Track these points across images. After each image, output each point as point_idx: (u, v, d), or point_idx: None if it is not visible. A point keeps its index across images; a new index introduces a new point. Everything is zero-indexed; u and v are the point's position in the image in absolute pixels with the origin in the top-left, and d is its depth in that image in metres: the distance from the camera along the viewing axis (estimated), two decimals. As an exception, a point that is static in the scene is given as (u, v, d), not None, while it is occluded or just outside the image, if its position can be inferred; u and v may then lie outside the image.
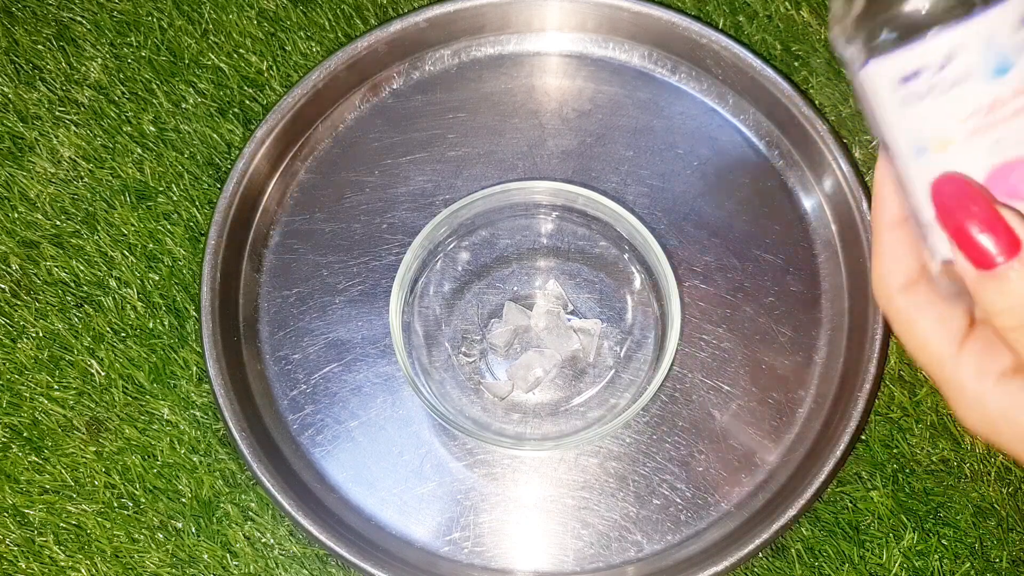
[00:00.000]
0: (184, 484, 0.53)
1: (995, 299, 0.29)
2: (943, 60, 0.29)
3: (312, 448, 0.54)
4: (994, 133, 0.30)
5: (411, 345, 0.54)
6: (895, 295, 0.34)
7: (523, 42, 0.60)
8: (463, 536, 0.52)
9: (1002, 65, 0.29)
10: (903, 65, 0.30)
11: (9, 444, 0.54)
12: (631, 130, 0.59)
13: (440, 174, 0.58)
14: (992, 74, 0.29)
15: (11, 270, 0.57)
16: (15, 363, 0.55)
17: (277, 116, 0.57)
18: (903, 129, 0.31)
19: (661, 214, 0.57)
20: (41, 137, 0.59)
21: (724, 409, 0.54)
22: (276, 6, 0.61)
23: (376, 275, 0.56)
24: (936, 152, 0.31)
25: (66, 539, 0.53)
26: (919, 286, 0.34)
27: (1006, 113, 0.29)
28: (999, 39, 0.29)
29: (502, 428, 0.53)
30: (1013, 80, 0.29)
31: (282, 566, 0.52)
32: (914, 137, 0.31)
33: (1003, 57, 0.29)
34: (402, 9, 0.61)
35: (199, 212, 0.58)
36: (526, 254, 0.57)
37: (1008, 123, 0.29)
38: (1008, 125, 0.29)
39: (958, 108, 0.30)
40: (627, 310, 0.55)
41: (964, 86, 0.29)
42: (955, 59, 0.29)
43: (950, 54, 0.29)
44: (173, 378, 0.55)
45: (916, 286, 0.34)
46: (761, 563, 0.52)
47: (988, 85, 0.29)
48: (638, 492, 0.53)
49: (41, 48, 0.60)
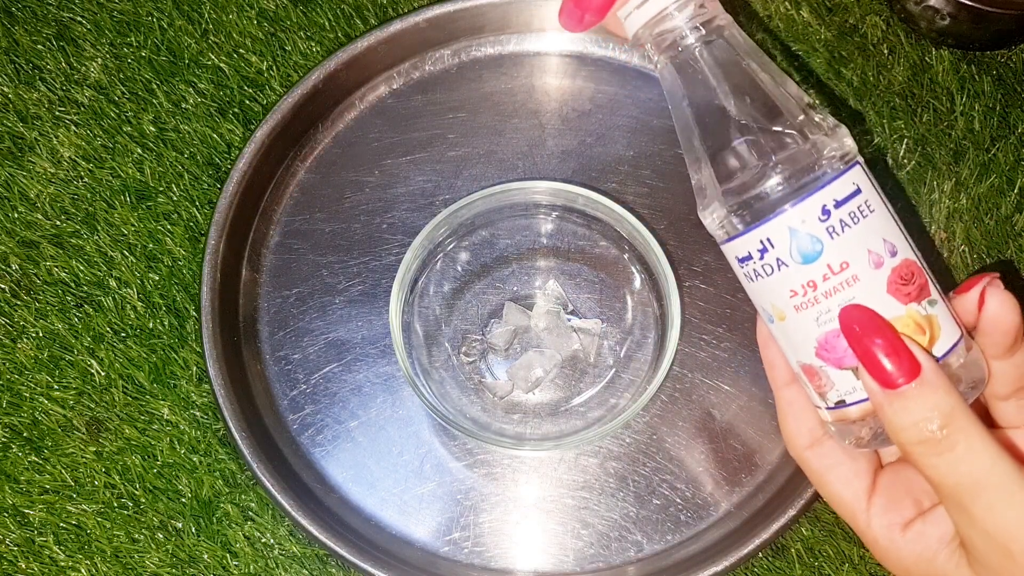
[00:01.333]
0: (184, 484, 0.53)
1: (899, 417, 0.32)
2: (760, 249, 0.34)
3: (312, 448, 0.54)
4: (815, 309, 0.34)
5: (411, 345, 0.54)
6: (803, 454, 0.38)
7: (523, 42, 0.60)
8: (463, 536, 0.52)
9: (809, 254, 0.33)
10: (736, 250, 0.35)
11: (9, 444, 0.54)
12: (631, 130, 0.59)
13: (440, 174, 0.58)
14: (800, 261, 0.34)
15: (11, 270, 0.57)
16: (15, 363, 0.55)
17: (277, 116, 0.57)
18: (755, 298, 0.36)
19: (661, 214, 0.57)
20: (41, 137, 0.59)
21: (724, 409, 0.54)
22: (276, 6, 0.61)
23: (376, 275, 0.56)
24: (779, 321, 0.35)
25: (66, 539, 0.53)
26: (824, 444, 0.38)
27: (820, 294, 0.33)
28: (803, 231, 0.33)
29: (502, 428, 0.53)
30: (821, 266, 0.33)
31: (282, 566, 0.52)
32: (761, 307, 0.36)
33: (809, 247, 0.33)
34: (402, 9, 0.61)
35: (199, 212, 0.58)
36: (526, 254, 0.57)
37: (827, 300, 0.33)
38: (828, 301, 0.33)
39: (780, 289, 0.34)
40: (627, 310, 0.55)
41: (781, 271, 0.34)
42: (769, 249, 0.34)
43: (764, 246, 0.34)
44: (173, 378, 0.55)
45: (821, 444, 0.38)
46: (761, 563, 0.52)
47: (799, 270, 0.34)
48: (638, 492, 0.53)
49: (41, 48, 0.60)
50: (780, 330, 0.36)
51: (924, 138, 0.59)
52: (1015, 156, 0.58)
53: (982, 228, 0.57)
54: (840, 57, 0.60)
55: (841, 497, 0.37)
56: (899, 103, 0.59)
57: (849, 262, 0.33)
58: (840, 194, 0.33)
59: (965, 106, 0.59)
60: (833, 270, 0.33)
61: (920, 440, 0.32)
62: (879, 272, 0.33)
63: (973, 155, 0.58)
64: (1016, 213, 0.57)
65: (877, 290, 0.33)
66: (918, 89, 0.59)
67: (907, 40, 0.60)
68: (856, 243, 0.33)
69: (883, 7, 0.61)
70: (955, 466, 0.32)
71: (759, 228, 0.34)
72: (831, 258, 0.33)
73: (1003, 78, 0.60)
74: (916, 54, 0.60)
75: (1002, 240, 0.57)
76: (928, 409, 0.32)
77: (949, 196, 0.57)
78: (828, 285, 0.33)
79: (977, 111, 0.59)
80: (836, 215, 0.33)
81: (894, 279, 0.34)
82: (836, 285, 0.33)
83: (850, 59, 0.60)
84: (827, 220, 0.33)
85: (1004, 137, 0.58)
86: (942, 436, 0.31)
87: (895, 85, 0.59)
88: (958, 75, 0.60)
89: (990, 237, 0.57)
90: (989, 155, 0.58)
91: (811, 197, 0.33)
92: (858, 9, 0.61)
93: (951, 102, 0.59)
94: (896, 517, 0.36)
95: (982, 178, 0.58)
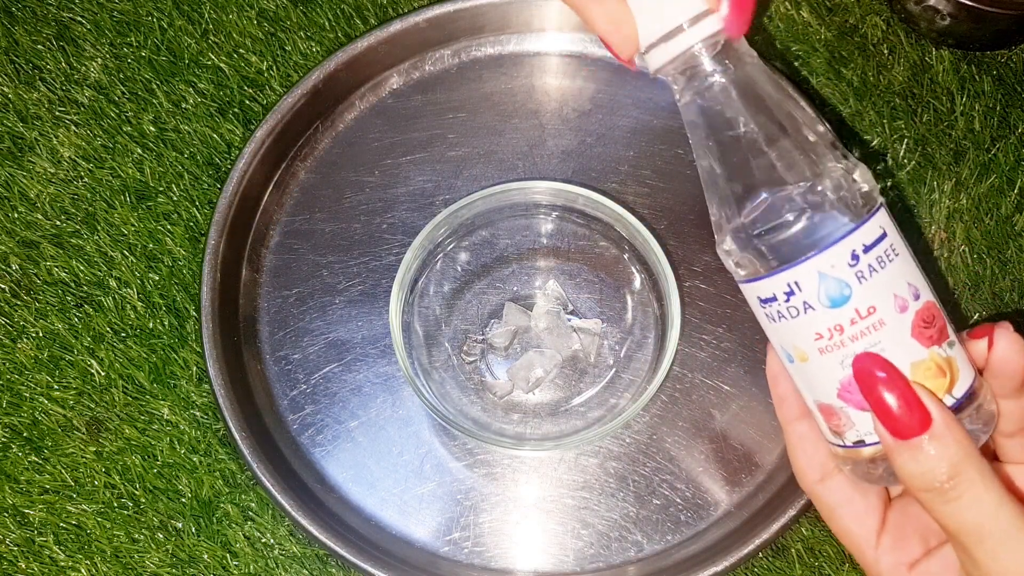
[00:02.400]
0: (184, 484, 0.53)
1: (910, 466, 0.33)
2: (787, 292, 0.34)
3: (312, 448, 0.54)
4: (840, 352, 0.34)
5: (411, 345, 0.54)
6: (814, 488, 0.38)
7: (523, 42, 0.60)
8: (463, 536, 0.52)
9: (837, 299, 0.33)
10: (759, 291, 0.35)
11: (9, 444, 0.54)
12: (631, 130, 0.59)
13: (440, 174, 0.58)
14: (828, 305, 0.33)
15: (11, 270, 0.57)
16: (15, 363, 0.55)
17: (277, 116, 0.57)
18: (773, 338, 0.36)
19: (661, 214, 0.57)
20: (41, 137, 0.59)
21: (724, 409, 0.54)
22: (276, 6, 0.61)
23: (376, 275, 0.56)
24: (799, 362, 0.35)
25: (66, 539, 0.53)
26: (834, 478, 0.38)
27: (847, 337, 0.33)
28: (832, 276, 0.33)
29: (502, 428, 0.53)
30: (849, 311, 0.33)
31: (282, 566, 0.52)
32: (781, 346, 0.36)
33: (837, 292, 0.33)
34: (402, 9, 0.61)
35: (199, 212, 0.58)
36: (526, 254, 0.57)
37: (853, 344, 0.33)
38: (854, 345, 0.33)
39: (805, 331, 0.34)
40: (627, 310, 0.55)
41: (808, 314, 0.34)
42: (796, 293, 0.33)
43: (791, 289, 0.33)
44: (173, 378, 0.55)
45: (832, 478, 0.38)
46: (761, 563, 0.52)
47: (827, 314, 0.33)
48: (638, 492, 0.53)
49: (41, 48, 0.60)
50: (800, 370, 0.35)
51: (924, 138, 0.59)
52: (1015, 156, 0.58)
53: (982, 228, 0.57)
54: (840, 57, 0.60)
55: (851, 533, 0.38)
56: (899, 103, 0.59)
57: (876, 307, 0.33)
58: (868, 239, 0.33)
59: (965, 106, 0.59)
60: (860, 315, 0.33)
61: (928, 488, 0.33)
62: (904, 316, 0.33)
63: (973, 155, 0.58)
64: (1016, 213, 0.57)
65: (902, 334, 0.33)
66: (918, 89, 0.59)
67: (907, 40, 0.60)
68: (883, 288, 0.33)
69: (883, 7, 0.61)
70: (961, 514, 0.32)
71: (787, 271, 0.33)
72: (859, 303, 0.33)
73: (1003, 78, 0.60)
74: (916, 54, 0.60)
75: (1002, 240, 0.57)
76: (937, 460, 0.32)
77: (949, 196, 0.57)
78: (855, 330, 0.33)
79: (977, 111, 0.59)
80: (864, 260, 0.33)
81: (917, 323, 0.34)
82: (863, 330, 0.33)
83: (850, 59, 0.60)
84: (856, 265, 0.33)
85: (1004, 137, 0.58)
86: (949, 486, 0.32)
87: (895, 85, 0.59)
88: (958, 75, 0.60)
89: (990, 237, 0.57)
90: (989, 155, 0.58)
91: (841, 242, 0.33)
92: (858, 9, 0.61)
93: (951, 102, 0.59)
94: (903, 556, 0.37)
95: (982, 178, 0.58)
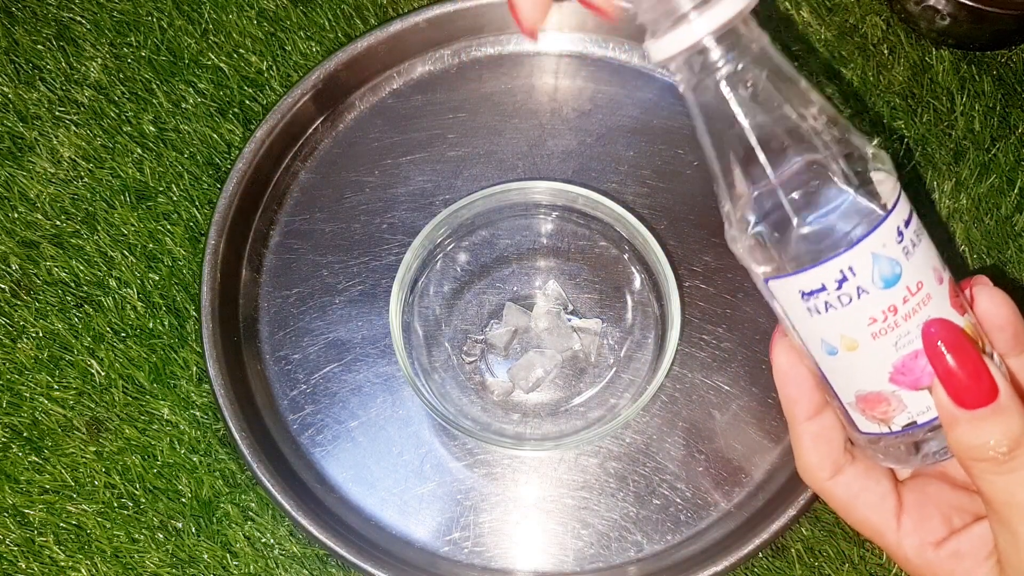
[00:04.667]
0: (184, 484, 0.53)
1: (968, 437, 0.32)
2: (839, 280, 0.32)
3: (312, 448, 0.54)
4: (895, 333, 0.33)
5: (411, 345, 0.54)
6: (825, 485, 0.38)
7: (523, 42, 0.60)
8: (463, 536, 0.52)
9: (889, 278, 0.32)
10: (804, 284, 0.33)
11: (9, 444, 0.54)
12: (631, 130, 0.59)
13: (440, 174, 0.58)
14: (882, 287, 0.32)
15: (11, 270, 0.57)
16: (15, 363, 0.55)
17: (277, 116, 0.57)
18: (812, 333, 0.34)
19: (661, 214, 0.57)
20: (41, 137, 0.59)
21: (724, 409, 0.54)
22: (276, 6, 0.61)
23: (376, 275, 0.56)
24: (846, 351, 0.34)
25: (66, 539, 0.53)
26: (846, 471, 0.37)
27: (900, 317, 0.32)
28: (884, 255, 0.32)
29: (502, 428, 0.53)
30: (901, 289, 0.32)
31: (282, 566, 0.52)
32: (823, 340, 0.34)
33: (890, 271, 0.32)
34: (402, 9, 0.61)
35: (199, 212, 0.58)
36: (526, 254, 0.57)
37: (907, 322, 0.32)
38: (907, 324, 0.32)
39: (858, 317, 0.33)
40: (627, 310, 0.55)
41: (861, 299, 0.32)
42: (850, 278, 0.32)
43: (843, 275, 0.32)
44: (173, 378, 0.55)
45: (843, 472, 0.37)
46: (761, 563, 0.52)
47: (881, 296, 0.32)
48: (638, 492, 0.53)
49: (41, 48, 0.60)
50: (844, 361, 0.34)
51: (924, 138, 0.59)
52: (1015, 156, 0.58)
53: (982, 228, 0.57)
54: (840, 57, 0.60)
55: (869, 521, 0.37)
56: (899, 103, 0.59)
57: (923, 282, 0.33)
58: (905, 213, 0.33)
59: (965, 106, 0.59)
60: (911, 291, 0.32)
61: (984, 459, 0.32)
62: (942, 287, 0.33)
63: (973, 155, 0.58)
64: (1016, 213, 0.57)
65: (945, 305, 0.33)
66: (918, 89, 0.59)
67: (907, 40, 0.60)
68: (924, 261, 0.33)
69: (883, 7, 0.61)
70: (1013, 488, 0.32)
71: (839, 257, 0.32)
72: (909, 280, 0.32)
73: (1003, 78, 0.60)
74: (916, 54, 0.60)
75: (1002, 240, 0.57)
76: (1000, 433, 0.32)
77: (949, 196, 0.57)
78: (907, 308, 0.32)
79: (977, 111, 0.59)
80: (907, 235, 0.33)
81: (951, 292, 0.33)
82: (914, 307, 0.32)
83: (850, 59, 0.60)
84: (902, 241, 0.32)
85: (1004, 137, 0.58)
86: (1007, 459, 0.32)
87: (895, 85, 0.59)
88: (958, 75, 0.60)
89: (990, 237, 0.57)
90: (989, 155, 0.58)
91: (887, 220, 0.32)
92: (858, 9, 0.61)
93: (951, 102, 0.59)
94: (927, 536, 0.36)
95: (982, 178, 0.58)
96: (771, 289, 0.34)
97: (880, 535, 0.37)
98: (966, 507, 0.37)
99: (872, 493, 0.37)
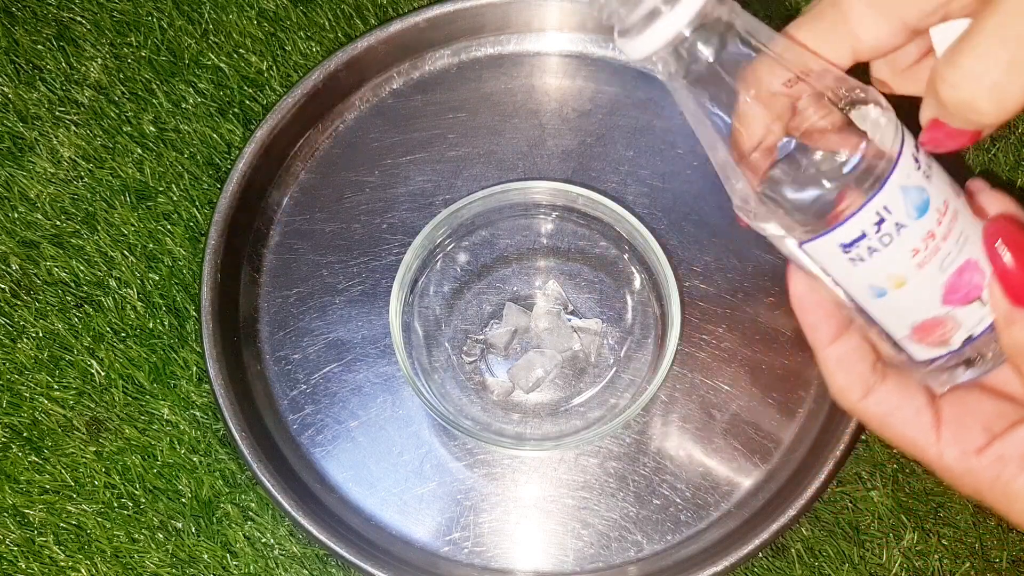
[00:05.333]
0: (184, 484, 0.53)
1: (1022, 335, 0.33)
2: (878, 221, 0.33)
3: (312, 448, 0.54)
4: (937, 257, 0.33)
5: (411, 345, 0.54)
6: (858, 405, 0.38)
7: (523, 42, 0.60)
8: (463, 536, 0.52)
9: (921, 206, 0.33)
10: (843, 236, 0.33)
11: (9, 444, 0.54)
12: (631, 130, 0.59)
13: (440, 174, 0.58)
14: (916, 216, 0.33)
15: (11, 270, 0.57)
16: (15, 363, 0.55)
17: (277, 116, 0.57)
18: (859, 282, 0.35)
19: (661, 214, 0.57)
20: (41, 137, 0.59)
21: (724, 409, 0.54)
22: (276, 6, 0.61)
23: (376, 275, 0.56)
24: (895, 290, 0.34)
25: (66, 539, 0.53)
26: (877, 391, 0.37)
27: (939, 240, 0.33)
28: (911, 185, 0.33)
29: (502, 428, 0.53)
30: (933, 214, 0.33)
31: (282, 566, 0.52)
32: (870, 284, 0.34)
33: (919, 199, 0.33)
34: (402, 9, 0.61)
35: (199, 212, 0.58)
36: (526, 254, 0.57)
37: (946, 243, 0.33)
38: (946, 245, 0.33)
39: (901, 253, 0.33)
40: (627, 310, 0.55)
41: (901, 234, 0.33)
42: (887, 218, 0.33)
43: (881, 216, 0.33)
44: (173, 378, 0.55)
45: (875, 391, 0.37)
46: (761, 563, 0.52)
47: (917, 225, 0.33)
48: (638, 492, 0.53)
49: (41, 48, 0.60)
50: (893, 300, 0.35)
51: (924, 138, 0.59)
52: (1015, 156, 0.58)
53: (982, 228, 0.57)
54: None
55: (907, 436, 0.37)
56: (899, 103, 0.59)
57: (947, 200, 0.33)
58: (912, 141, 0.34)
59: (965, 106, 0.59)
60: (941, 212, 0.33)
61: None
62: (962, 200, 0.34)
63: (973, 155, 0.58)
64: (1016, 213, 0.57)
65: (969, 216, 0.34)
66: (918, 89, 0.59)
67: (907, 40, 0.60)
68: (942, 180, 0.33)
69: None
70: None
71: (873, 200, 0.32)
72: (937, 202, 0.33)
73: (1003, 78, 0.60)
74: (916, 54, 0.60)
75: (1002, 240, 0.57)
76: None
77: (949, 196, 0.57)
78: (942, 229, 0.33)
79: (977, 111, 0.59)
80: (923, 160, 0.33)
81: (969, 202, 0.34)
82: (948, 227, 0.33)
83: (850, 59, 0.60)
84: (920, 167, 0.33)
85: (1004, 137, 0.58)
86: None
87: (895, 85, 0.59)
88: (958, 75, 0.59)
89: (990, 237, 0.57)
90: (989, 155, 0.58)
91: (903, 152, 0.33)
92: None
93: (951, 102, 0.59)
94: (968, 444, 0.36)
95: (982, 178, 0.58)
96: (808, 252, 0.34)
97: (920, 449, 0.37)
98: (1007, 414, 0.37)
99: (907, 409, 0.37)
